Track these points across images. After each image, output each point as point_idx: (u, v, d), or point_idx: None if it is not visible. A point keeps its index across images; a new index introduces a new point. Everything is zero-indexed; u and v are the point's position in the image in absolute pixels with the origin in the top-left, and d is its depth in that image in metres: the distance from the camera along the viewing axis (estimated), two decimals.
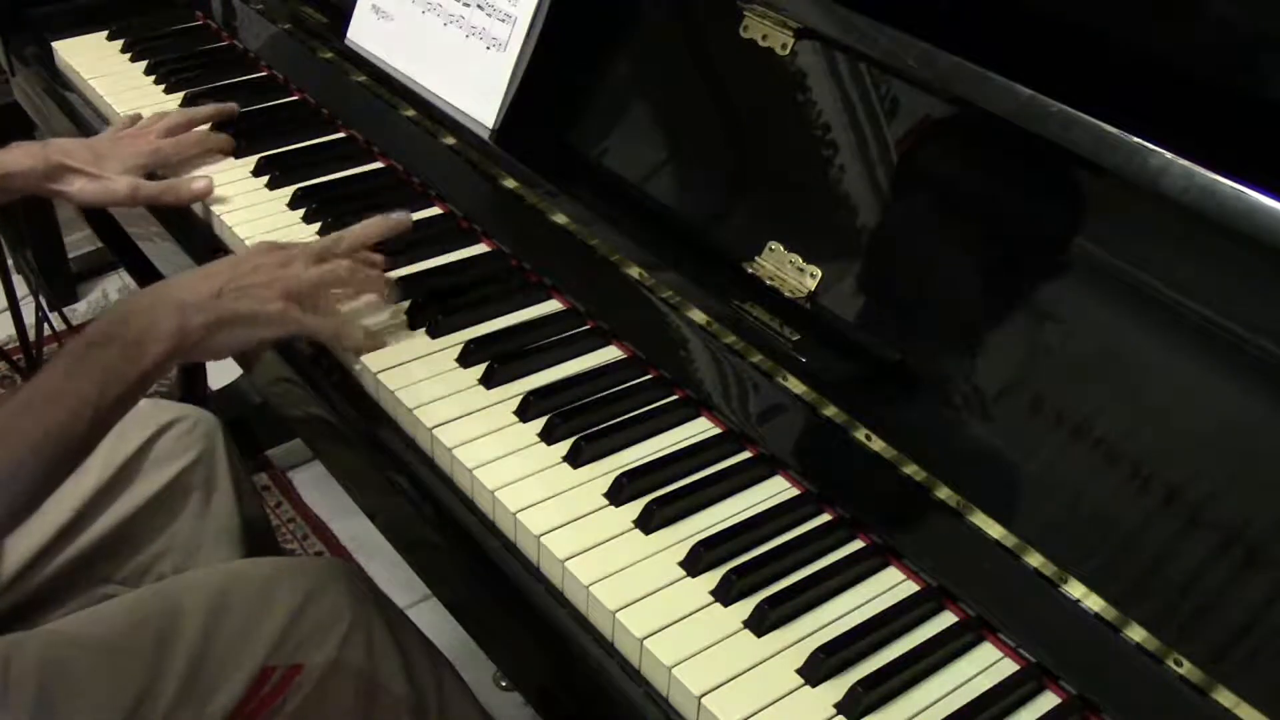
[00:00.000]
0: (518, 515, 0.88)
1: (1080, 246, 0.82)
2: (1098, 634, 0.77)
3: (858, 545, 0.88)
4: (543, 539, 0.86)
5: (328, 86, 1.38)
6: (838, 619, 0.83)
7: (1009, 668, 0.81)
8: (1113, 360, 0.80)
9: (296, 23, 1.42)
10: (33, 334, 1.86)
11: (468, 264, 1.15)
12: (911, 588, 0.86)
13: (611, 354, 1.04)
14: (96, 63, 1.47)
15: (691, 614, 0.82)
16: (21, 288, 1.92)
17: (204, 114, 1.31)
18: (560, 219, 1.10)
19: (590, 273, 1.07)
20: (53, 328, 1.88)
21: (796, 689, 0.78)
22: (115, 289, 2.46)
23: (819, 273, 0.96)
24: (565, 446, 0.94)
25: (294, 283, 0.99)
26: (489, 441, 0.94)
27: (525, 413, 0.97)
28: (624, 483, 0.90)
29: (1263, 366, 0.74)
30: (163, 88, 1.42)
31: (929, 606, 0.84)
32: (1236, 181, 0.72)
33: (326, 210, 1.19)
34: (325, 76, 1.37)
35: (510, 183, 1.15)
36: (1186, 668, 0.74)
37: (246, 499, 1.27)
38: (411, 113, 1.25)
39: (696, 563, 0.85)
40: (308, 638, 1.01)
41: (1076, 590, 0.78)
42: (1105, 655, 0.77)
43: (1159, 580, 0.75)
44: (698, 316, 0.99)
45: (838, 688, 0.78)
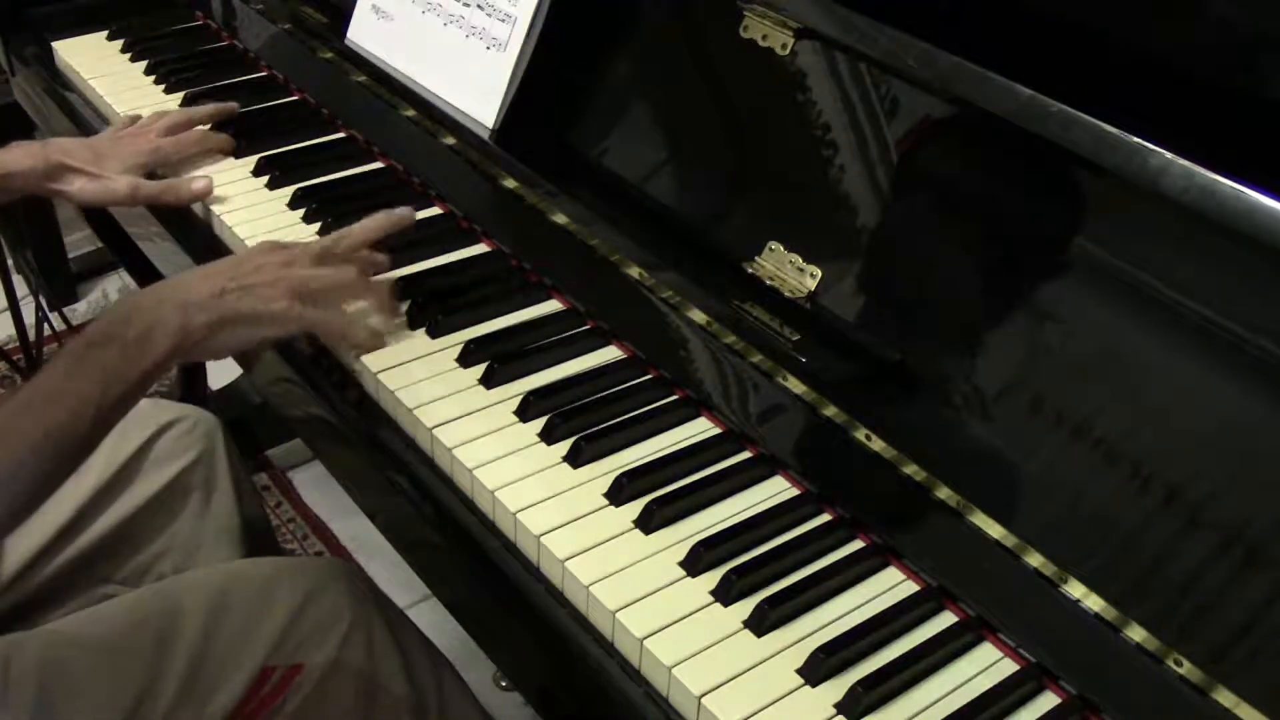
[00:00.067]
0: (518, 515, 0.88)
1: (1080, 246, 0.82)
2: (1098, 634, 0.77)
3: (858, 545, 0.88)
4: (543, 539, 0.86)
5: (328, 86, 1.38)
6: (838, 619, 0.83)
7: (1009, 668, 0.81)
8: (1113, 360, 0.80)
9: (296, 23, 1.42)
10: (33, 334, 1.86)
11: (468, 264, 1.15)
12: (911, 588, 0.86)
13: (611, 354, 1.04)
14: (96, 63, 1.47)
15: (691, 614, 0.82)
16: (21, 288, 1.92)
17: (204, 113, 1.31)
18: (560, 219, 1.10)
19: (590, 273, 1.07)
20: (53, 328, 1.88)
21: (796, 689, 0.78)
22: (115, 289, 2.46)
23: (819, 273, 0.96)
24: (565, 446, 0.94)
25: (297, 281, 0.99)
26: (489, 441, 0.94)
27: (525, 413, 0.97)
28: (624, 483, 0.90)
29: (1263, 366, 0.74)
30: (163, 88, 1.42)
31: (929, 606, 0.84)
32: (1236, 181, 0.72)
33: (326, 210, 1.19)
34: (325, 76, 1.37)
35: (510, 183, 1.15)
36: (1186, 668, 0.74)
37: (246, 499, 1.27)
38: (411, 113, 1.25)
39: (696, 563, 0.85)
40: (308, 638, 1.01)
41: (1076, 590, 0.78)
42: (1105, 655, 0.77)
43: (1159, 580, 0.76)
44: (698, 316, 0.99)
45: (838, 688, 0.78)
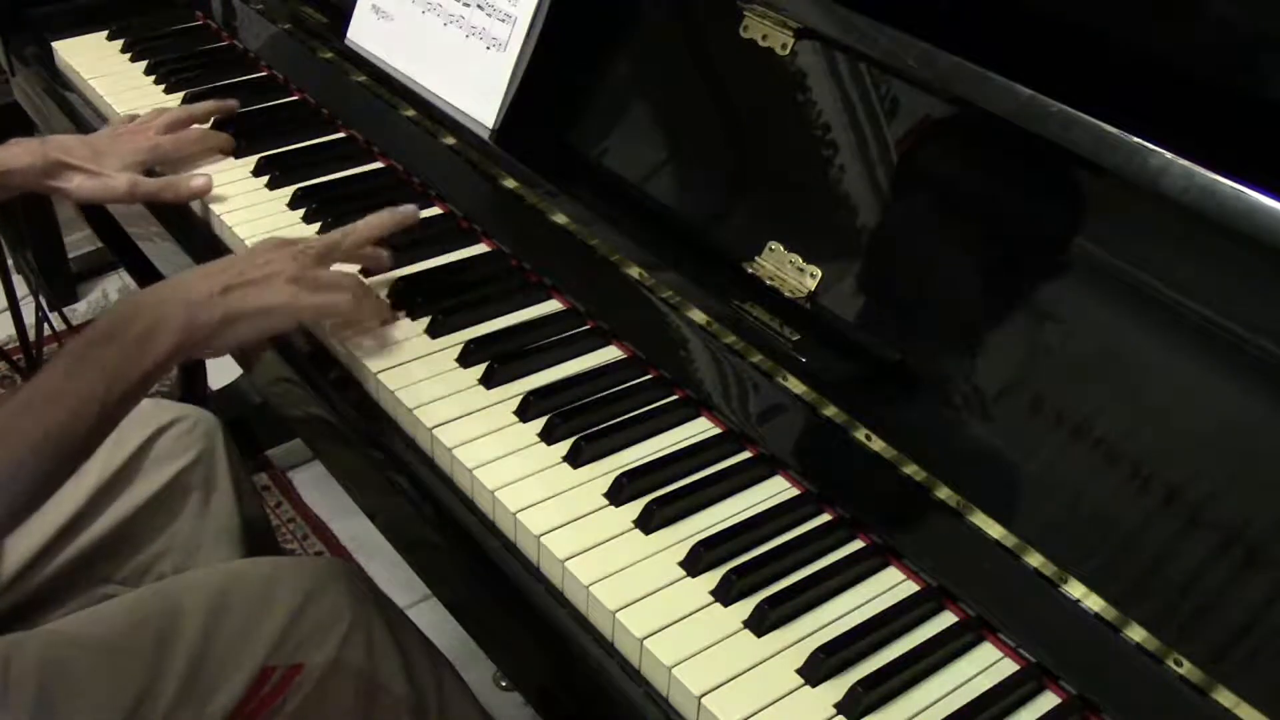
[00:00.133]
0: (518, 515, 0.88)
1: (1080, 246, 0.82)
2: (1098, 634, 0.77)
3: (858, 545, 0.88)
4: (543, 539, 0.86)
5: (328, 86, 1.38)
6: (838, 619, 0.83)
7: (1009, 668, 0.81)
8: (1113, 360, 0.80)
9: (296, 23, 1.42)
10: (33, 334, 1.86)
11: (468, 264, 1.15)
12: (911, 588, 0.86)
13: (611, 354, 1.04)
14: (96, 63, 1.47)
15: (691, 614, 0.82)
16: (21, 288, 1.92)
17: (204, 110, 1.31)
18: (560, 219, 1.10)
19: (590, 273, 1.07)
20: (53, 328, 1.88)
21: (796, 689, 0.78)
22: (115, 289, 2.46)
23: (819, 273, 0.96)
24: (565, 446, 0.94)
25: (298, 273, 0.99)
26: (489, 441, 0.94)
27: (525, 413, 0.97)
28: (624, 483, 0.90)
29: (1263, 366, 0.73)
30: (163, 88, 1.42)
31: (929, 606, 0.84)
32: (1236, 181, 0.72)
33: (326, 210, 1.19)
34: (325, 76, 1.37)
35: (510, 183, 1.15)
36: (1186, 668, 0.74)
37: (246, 499, 1.27)
38: (411, 113, 1.25)
39: (696, 563, 0.85)
40: (308, 638, 1.01)
41: (1076, 590, 0.78)
42: (1105, 655, 0.77)
43: (1159, 580, 0.75)
44: (698, 316, 0.99)
45: (838, 688, 0.78)
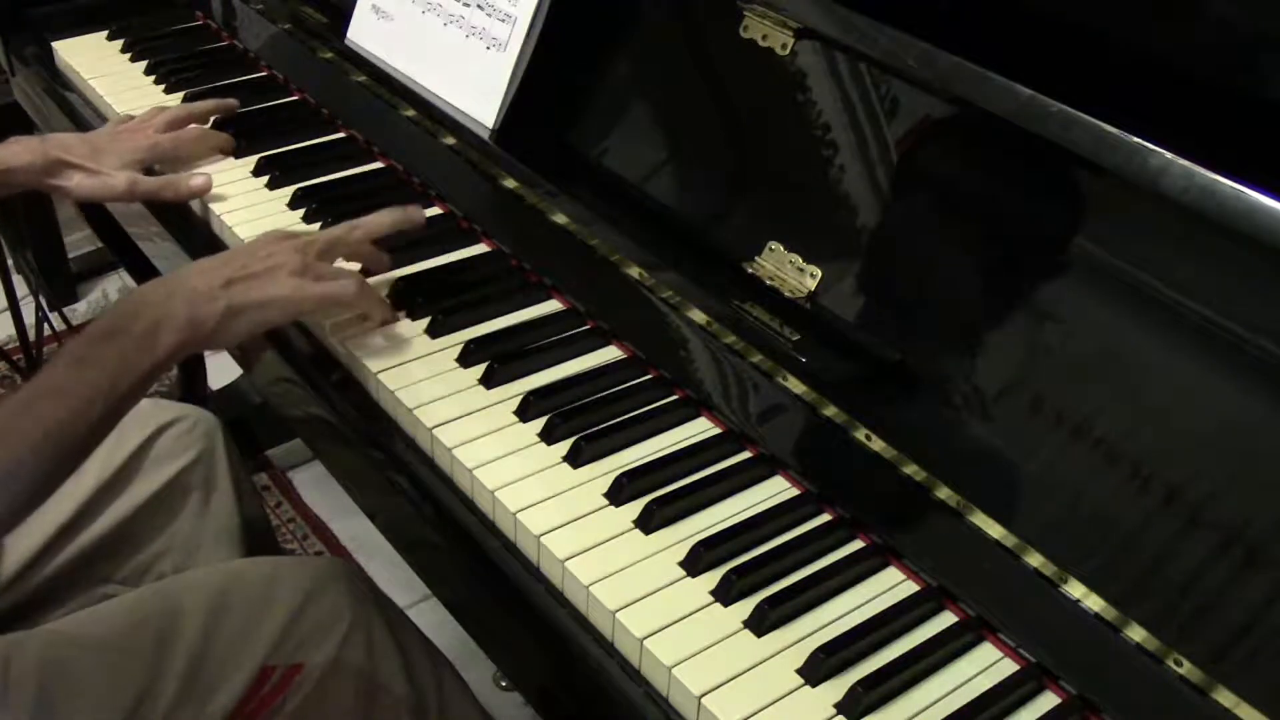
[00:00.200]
0: (518, 515, 0.88)
1: (1080, 246, 0.82)
2: (1098, 634, 0.77)
3: (858, 545, 0.88)
4: (543, 539, 0.86)
5: (328, 86, 1.38)
6: (838, 619, 0.83)
7: (1009, 668, 0.81)
8: (1113, 360, 0.80)
9: (296, 23, 1.42)
10: (33, 334, 1.86)
11: (468, 264, 1.15)
12: (911, 588, 0.86)
13: (611, 354, 1.04)
14: (96, 63, 1.47)
15: (691, 614, 0.82)
16: (21, 288, 1.92)
17: (204, 108, 1.31)
18: (560, 219, 1.10)
19: (590, 273, 1.07)
20: (53, 328, 1.88)
21: (796, 689, 0.78)
22: (115, 289, 2.46)
23: (819, 273, 0.96)
24: (565, 446, 0.94)
25: (301, 266, 0.98)
26: (489, 441, 0.94)
27: (525, 413, 0.97)
28: (624, 483, 0.90)
29: (1263, 366, 0.73)
30: (163, 88, 1.42)
31: (929, 606, 0.84)
32: (1236, 181, 0.72)
33: (326, 210, 1.19)
34: (325, 76, 1.37)
35: (510, 183, 1.15)
36: (1186, 668, 0.74)
37: (246, 499, 1.27)
38: (411, 113, 1.25)
39: (696, 563, 0.85)
40: (308, 637, 1.01)
41: (1076, 590, 0.78)
42: (1105, 655, 0.77)
43: (1159, 580, 0.75)
44: (698, 316, 0.99)
45: (838, 688, 0.78)
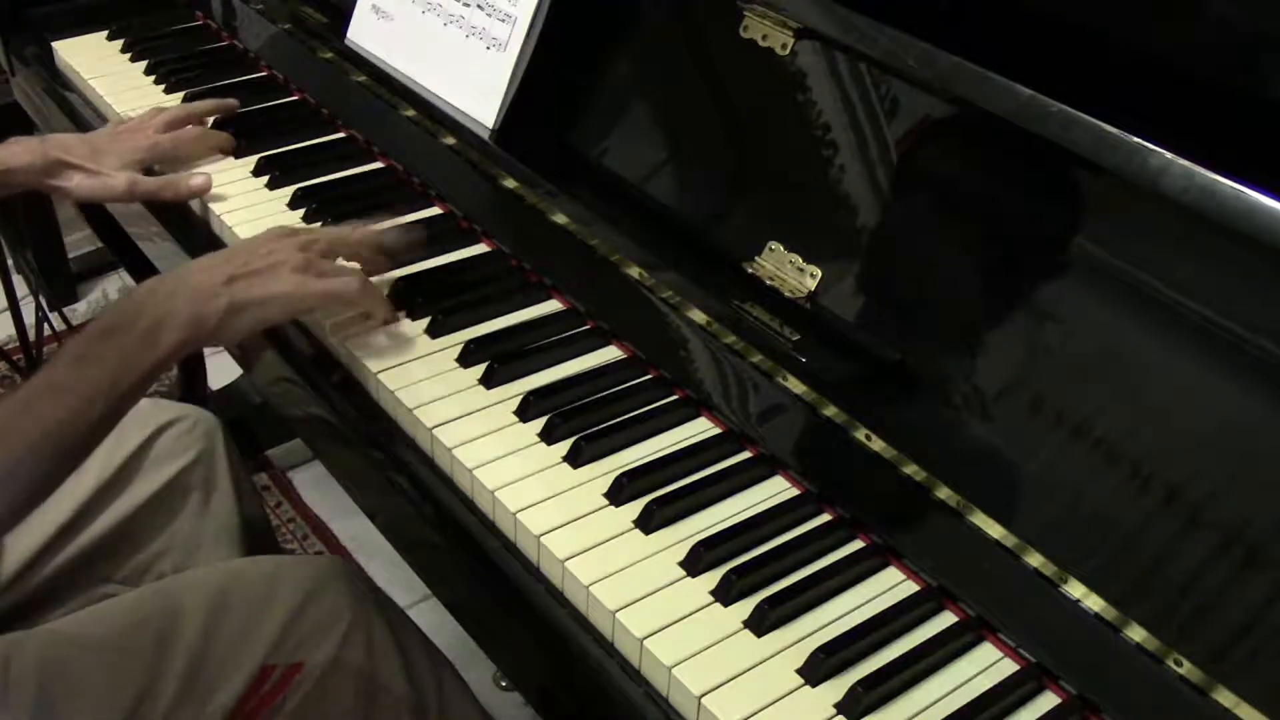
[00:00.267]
0: (518, 515, 0.88)
1: (1080, 246, 0.82)
2: (1098, 634, 0.77)
3: (858, 545, 0.88)
4: (543, 539, 0.86)
5: (328, 86, 1.38)
6: (838, 619, 0.83)
7: (1009, 668, 0.81)
8: (1113, 360, 0.80)
9: (296, 23, 1.42)
10: (33, 334, 1.86)
11: (468, 264, 1.15)
12: (911, 588, 0.86)
13: (611, 354, 1.04)
14: (96, 63, 1.47)
15: (691, 614, 0.82)
16: (21, 288, 1.92)
17: (204, 108, 1.31)
18: (560, 219, 1.10)
19: (590, 273, 1.07)
20: (53, 328, 1.88)
21: (796, 689, 0.78)
22: (115, 289, 2.46)
23: (819, 273, 0.96)
24: (565, 446, 0.94)
25: (303, 263, 0.98)
26: (489, 441, 0.94)
27: (525, 413, 0.97)
28: (624, 483, 0.90)
29: (1263, 366, 0.73)
30: (163, 88, 1.42)
31: (929, 606, 0.84)
32: (1236, 181, 0.72)
33: (326, 210, 1.19)
34: (325, 76, 1.37)
35: (510, 183, 1.15)
36: (1186, 668, 0.74)
37: (246, 499, 1.27)
38: (411, 113, 1.25)
39: (696, 563, 0.85)
40: (308, 637, 1.01)
41: (1076, 590, 0.78)
42: (1105, 655, 0.77)
43: (1159, 580, 0.75)
44: (698, 316, 0.99)
45: (838, 688, 0.78)
